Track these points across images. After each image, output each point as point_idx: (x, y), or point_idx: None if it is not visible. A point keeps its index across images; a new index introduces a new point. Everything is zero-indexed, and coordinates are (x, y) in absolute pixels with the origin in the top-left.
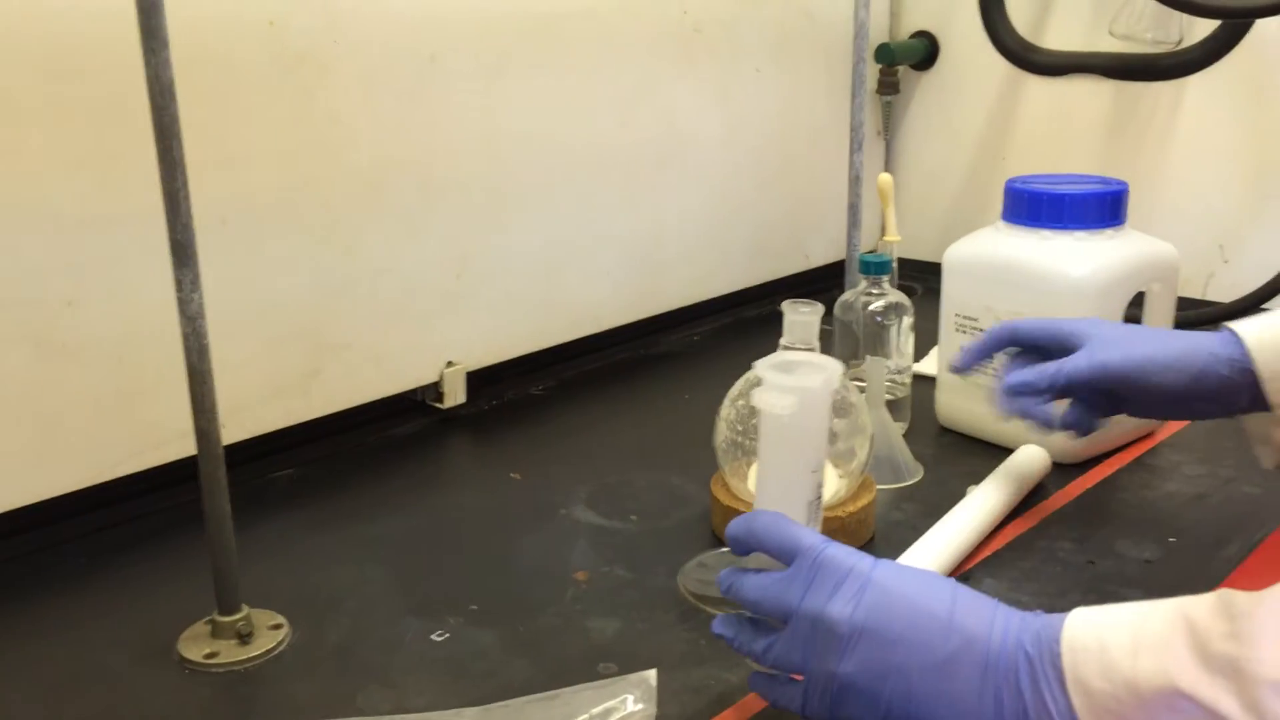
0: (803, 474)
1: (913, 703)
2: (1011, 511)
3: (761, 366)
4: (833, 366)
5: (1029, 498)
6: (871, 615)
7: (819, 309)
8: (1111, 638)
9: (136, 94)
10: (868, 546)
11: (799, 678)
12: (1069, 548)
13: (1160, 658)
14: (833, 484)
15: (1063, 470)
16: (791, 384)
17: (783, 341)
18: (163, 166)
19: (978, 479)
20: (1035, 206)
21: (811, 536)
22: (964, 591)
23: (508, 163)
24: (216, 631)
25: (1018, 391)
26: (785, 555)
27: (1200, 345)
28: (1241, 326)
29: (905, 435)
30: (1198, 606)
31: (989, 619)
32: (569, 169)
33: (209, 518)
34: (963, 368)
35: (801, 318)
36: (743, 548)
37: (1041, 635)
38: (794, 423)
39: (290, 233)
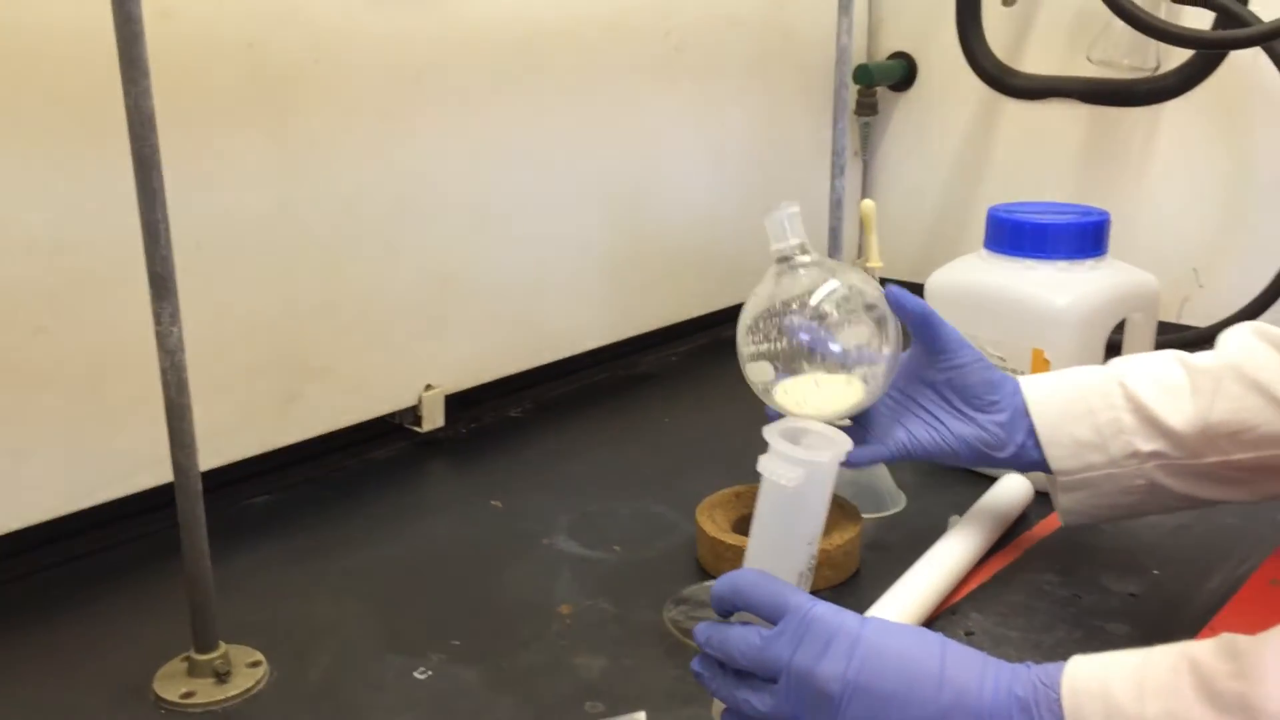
0: (799, 544)
1: None
2: (996, 541)
3: (770, 432)
4: (842, 440)
5: (1012, 528)
6: (864, 673)
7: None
8: (1115, 682)
9: (110, 115)
10: (853, 580)
11: None
12: (1054, 581)
13: (1167, 701)
14: (855, 394)
15: (1045, 499)
16: (801, 457)
17: (774, 247)
18: (142, 197)
19: (960, 508)
20: (1018, 236)
21: (799, 595)
22: (953, 646)
23: (488, 184)
24: (193, 670)
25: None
26: (772, 613)
27: (990, 436)
28: (1032, 403)
29: (887, 463)
30: (1200, 649)
31: (979, 672)
32: (549, 190)
33: (186, 555)
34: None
35: (783, 214)
36: (727, 606)
37: (1037, 682)
38: (797, 494)
39: (268, 256)
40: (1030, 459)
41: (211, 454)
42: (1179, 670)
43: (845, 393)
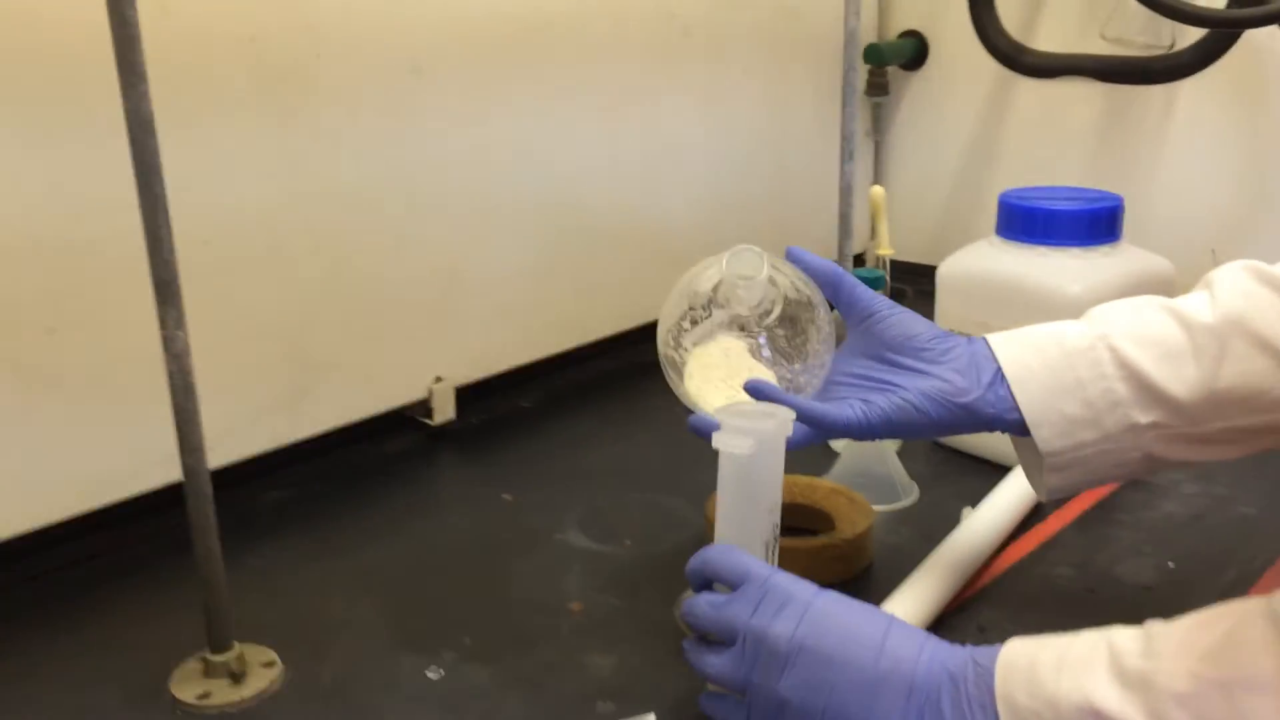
0: (760, 513)
1: (849, 717)
2: (1010, 535)
3: (721, 411)
4: (784, 413)
5: (1026, 520)
6: (810, 635)
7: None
8: (1041, 658)
9: (116, 114)
10: (866, 574)
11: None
12: (1068, 574)
13: (1079, 675)
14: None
15: None
16: (748, 426)
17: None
18: (143, 202)
19: (974, 499)
20: (1030, 222)
21: (760, 565)
22: (899, 624)
23: (494, 174)
24: (209, 670)
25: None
26: (736, 581)
27: (948, 385)
28: (1006, 365)
29: (899, 453)
30: (1121, 632)
31: (919, 646)
32: (555, 178)
33: (198, 557)
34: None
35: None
36: (699, 579)
37: (971, 660)
38: (751, 463)
39: (274, 251)
40: (1003, 420)
41: (222, 451)
42: (1097, 648)
43: (755, 364)
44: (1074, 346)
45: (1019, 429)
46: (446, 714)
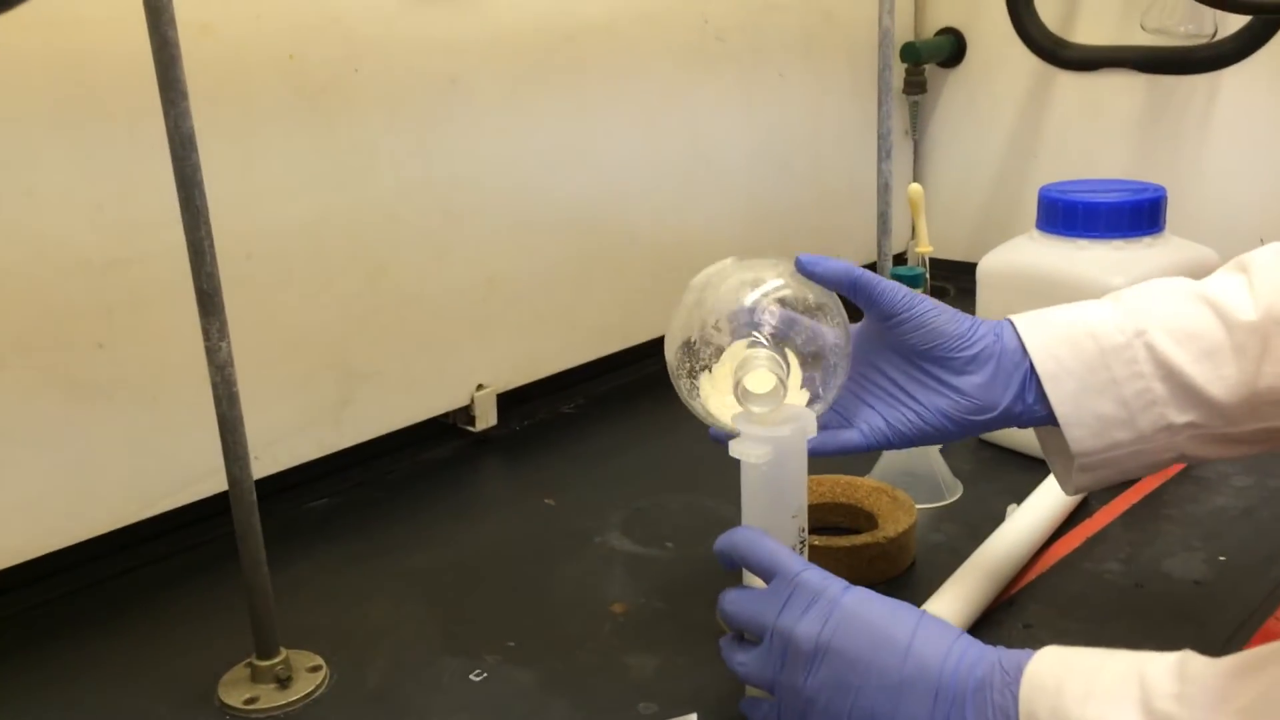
0: (785, 519)
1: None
2: (1055, 531)
3: (738, 418)
4: (806, 416)
5: (1072, 516)
6: (837, 635)
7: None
8: (1069, 681)
9: (157, 134)
10: (909, 572)
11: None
12: (1116, 570)
13: (1106, 708)
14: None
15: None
16: (765, 434)
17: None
18: (186, 217)
19: (1019, 496)
20: (1070, 215)
21: (790, 558)
22: (930, 622)
23: (531, 182)
24: (256, 676)
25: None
26: (764, 573)
27: (968, 403)
28: (1040, 361)
29: (942, 450)
30: (1156, 664)
31: (945, 649)
32: (593, 185)
33: (245, 564)
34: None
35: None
36: (727, 562)
37: (999, 667)
38: (771, 471)
39: (316, 263)
40: (1031, 416)
41: (269, 461)
42: (1128, 681)
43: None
44: (1110, 343)
45: (1047, 424)
46: (490, 716)
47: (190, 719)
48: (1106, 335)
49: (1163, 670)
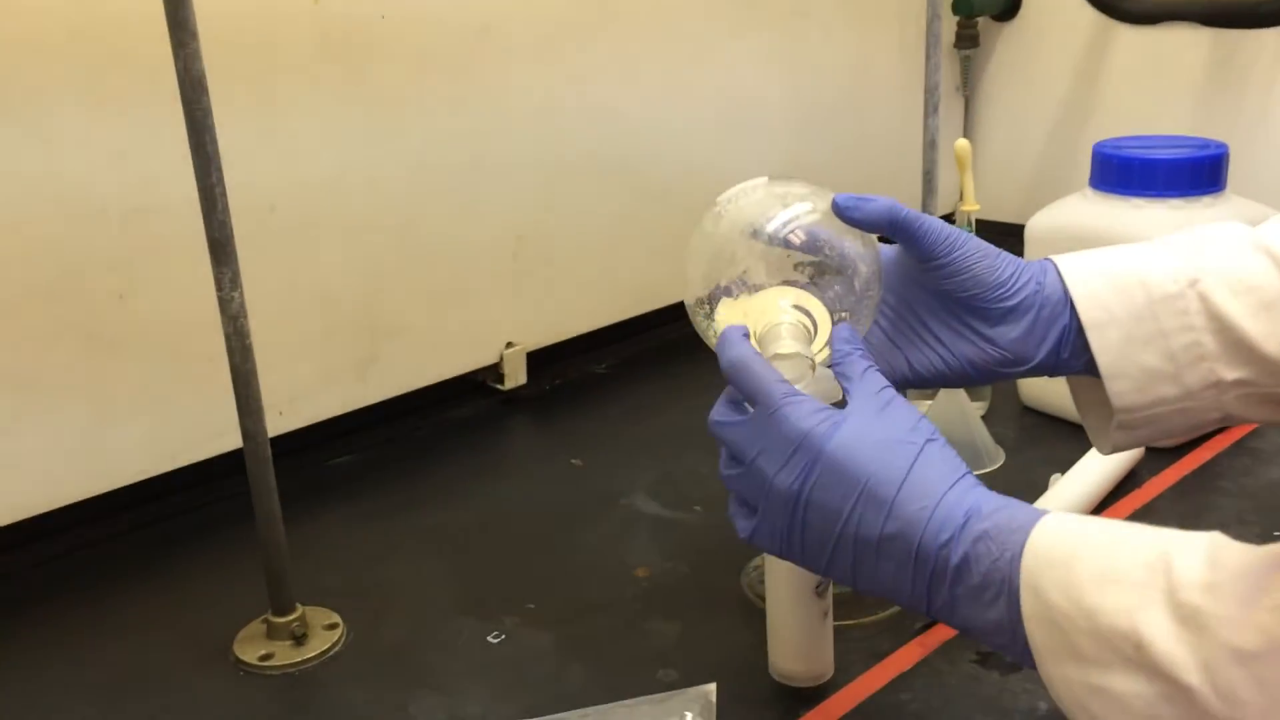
0: None
1: (858, 574)
2: (1100, 503)
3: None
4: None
5: (1120, 487)
6: (817, 489)
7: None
8: (1081, 557)
9: (175, 82)
10: None
11: None
12: None
13: (1126, 594)
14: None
15: (1157, 455)
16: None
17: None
18: (197, 162)
19: (1063, 466)
20: (1126, 173)
21: (773, 386)
22: (923, 465)
23: (563, 135)
24: (272, 632)
25: None
26: (750, 401)
27: (999, 354)
28: (1084, 308)
29: (984, 416)
30: (1183, 547)
31: (932, 504)
32: (627, 139)
33: (259, 520)
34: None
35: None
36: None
37: (990, 540)
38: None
39: (341, 217)
40: (1064, 369)
41: (293, 416)
42: (1151, 565)
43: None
44: (1161, 292)
45: (1082, 375)
46: (505, 677)
47: (205, 674)
48: (1157, 283)
49: (1191, 556)
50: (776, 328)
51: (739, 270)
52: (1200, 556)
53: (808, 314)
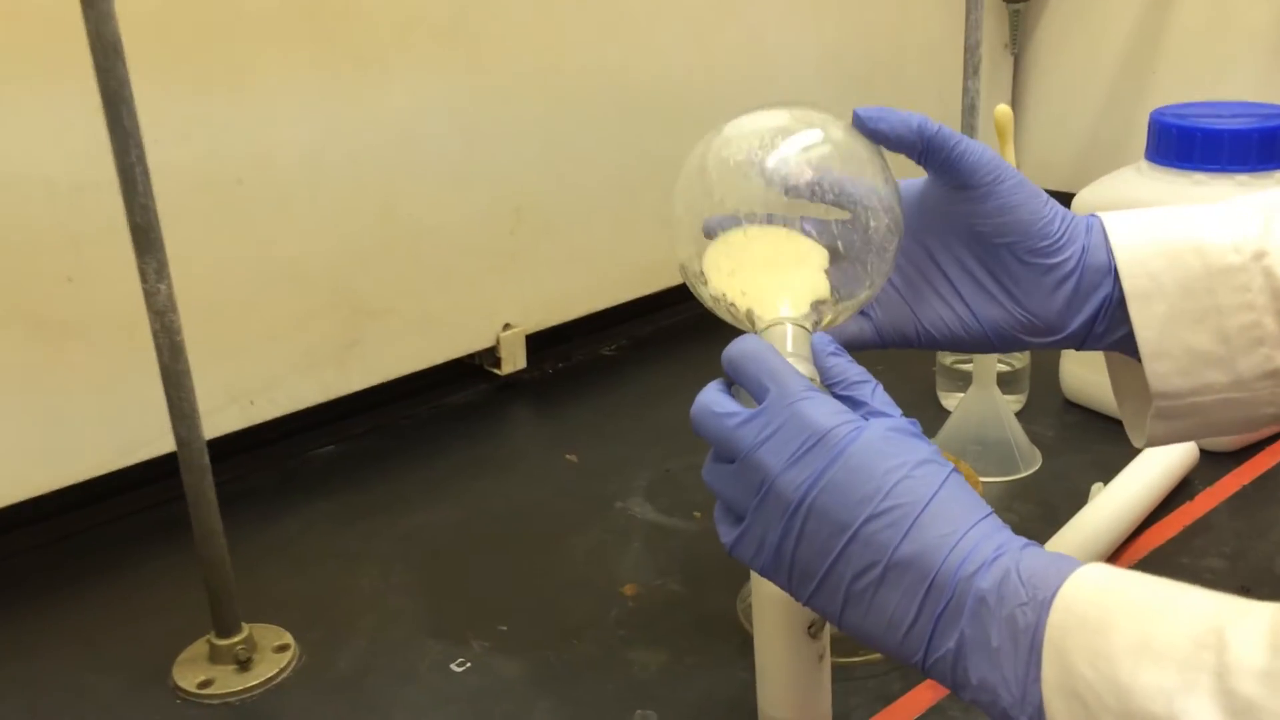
0: None
1: (849, 604)
2: (1148, 516)
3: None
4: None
5: (1170, 498)
6: (826, 493)
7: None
8: (1118, 621)
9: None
10: None
11: None
12: (1219, 567)
13: (1167, 674)
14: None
15: (1212, 462)
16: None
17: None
18: (114, 137)
19: (1107, 472)
20: (1186, 144)
21: (798, 380)
22: (951, 492)
23: (566, 100)
24: (214, 655)
25: None
26: (758, 393)
27: (1028, 320)
28: (1129, 275)
29: (1020, 414)
30: (1241, 624)
31: (956, 534)
32: (638, 104)
33: (197, 535)
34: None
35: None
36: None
37: (1019, 573)
38: None
39: (317, 189)
40: (1099, 343)
41: (266, 404)
42: (1201, 641)
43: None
44: (1221, 263)
45: (1119, 350)
46: (464, 716)
47: (138, 701)
48: (1217, 253)
49: (1251, 633)
50: (780, 328)
51: (729, 211)
52: (1261, 634)
53: (814, 300)
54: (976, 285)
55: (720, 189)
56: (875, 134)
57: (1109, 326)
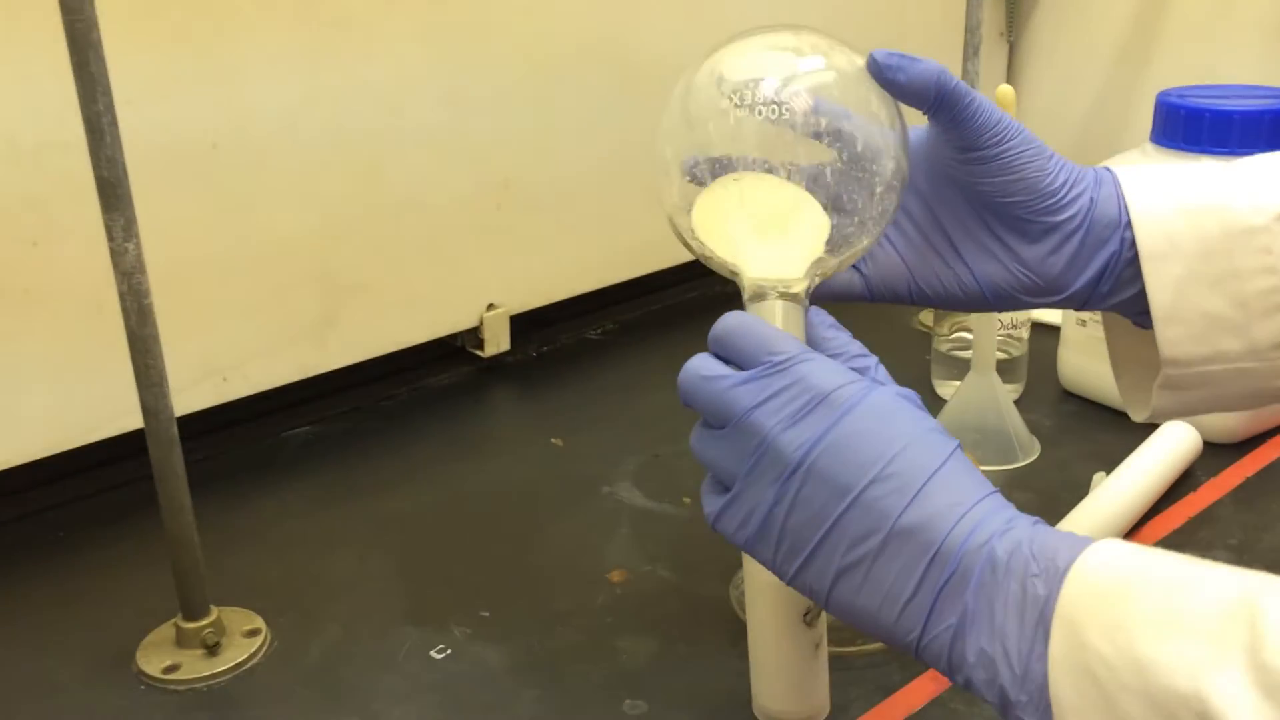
0: None
1: (843, 578)
2: (1151, 507)
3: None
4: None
5: (1174, 489)
6: (828, 457)
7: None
8: (1139, 592)
9: None
10: None
11: None
12: (1226, 559)
13: (1197, 649)
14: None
15: (1216, 452)
16: None
17: None
18: (79, 84)
19: (1106, 462)
20: (1194, 126)
21: (796, 343)
22: (958, 464)
23: (554, 72)
24: (181, 639)
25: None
26: (753, 364)
27: (1029, 280)
28: (1144, 234)
29: (1019, 402)
30: (1277, 597)
31: (965, 505)
32: (627, 77)
33: (165, 513)
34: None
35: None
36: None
37: (1033, 546)
38: None
39: (295, 158)
40: (1102, 304)
41: (239, 381)
42: (1234, 618)
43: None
44: (1240, 224)
45: (1121, 311)
46: (444, 706)
47: (101, 687)
48: (1237, 213)
49: None
50: (771, 304)
51: (718, 153)
52: None
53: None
54: (976, 244)
55: (710, 123)
56: (893, 84)
57: (1114, 286)
